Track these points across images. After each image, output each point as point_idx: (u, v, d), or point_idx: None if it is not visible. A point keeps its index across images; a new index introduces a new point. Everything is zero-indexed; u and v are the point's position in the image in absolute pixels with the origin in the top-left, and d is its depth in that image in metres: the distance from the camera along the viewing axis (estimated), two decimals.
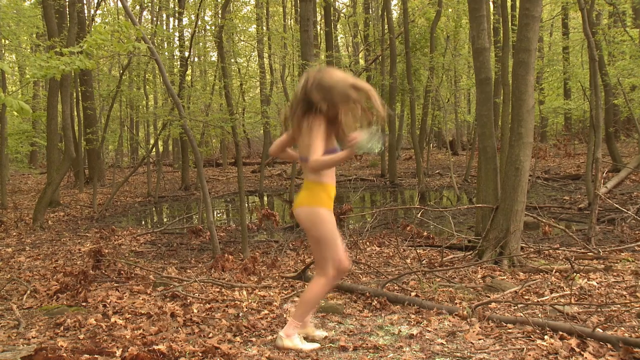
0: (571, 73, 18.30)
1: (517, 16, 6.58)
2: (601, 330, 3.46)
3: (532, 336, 3.53)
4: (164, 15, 23.89)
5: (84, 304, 4.78)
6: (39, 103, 23.30)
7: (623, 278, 5.03)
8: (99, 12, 22.12)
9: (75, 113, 19.20)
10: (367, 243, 7.52)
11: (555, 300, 4.32)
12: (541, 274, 5.34)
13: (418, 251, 6.65)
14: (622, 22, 14.79)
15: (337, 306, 4.33)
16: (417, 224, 8.55)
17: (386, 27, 17.98)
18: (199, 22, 15.89)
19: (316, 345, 3.48)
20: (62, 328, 4.07)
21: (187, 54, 15.63)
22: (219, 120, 11.73)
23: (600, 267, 5.44)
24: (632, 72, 15.08)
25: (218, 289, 5.20)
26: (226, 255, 6.48)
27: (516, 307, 4.20)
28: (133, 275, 5.90)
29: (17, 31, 16.31)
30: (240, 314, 4.29)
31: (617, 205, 8.20)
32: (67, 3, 14.43)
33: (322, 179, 3.35)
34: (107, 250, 6.99)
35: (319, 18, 25.76)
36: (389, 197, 14.49)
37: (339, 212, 7.54)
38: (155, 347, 3.36)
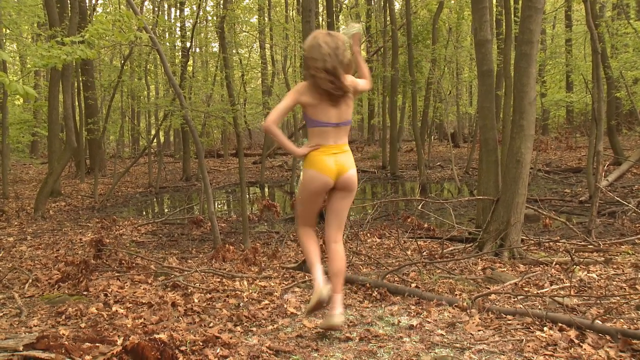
0: (573, 65, 18.24)
1: (520, 8, 6.55)
2: (600, 322, 3.47)
3: (531, 327, 3.54)
4: (166, 5, 23.81)
5: (85, 293, 4.80)
6: (40, 93, 23.25)
7: (623, 270, 5.04)
8: (100, 1, 22.10)
9: (77, 103, 19.19)
10: (368, 234, 7.53)
11: (555, 292, 4.34)
12: (541, 266, 5.35)
13: (419, 243, 6.66)
14: (625, 15, 14.73)
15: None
16: (418, 216, 8.56)
17: (388, 18, 17.93)
18: (201, 13, 15.83)
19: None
20: (63, 317, 4.09)
21: (188, 44, 15.59)
22: (220, 111, 11.72)
23: (600, 259, 5.45)
24: (634, 64, 15.02)
25: (219, 279, 5.22)
26: (227, 245, 6.49)
27: (516, 299, 4.21)
28: (134, 265, 5.92)
29: (18, 20, 16.24)
30: (241, 304, 4.31)
31: (618, 199, 8.20)
32: None
33: None
34: (108, 240, 7.01)
35: (321, 9, 25.68)
36: (390, 188, 14.50)
37: None
38: (156, 336, 3.37)
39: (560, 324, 3.51)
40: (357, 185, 3.56)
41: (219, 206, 12.99)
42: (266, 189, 15.71)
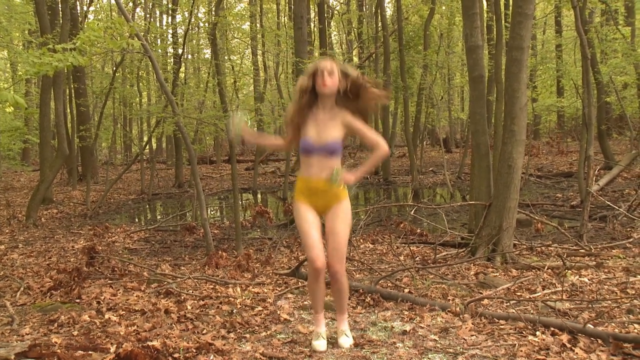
0: (564, 71, 18.36)
1: (510, 14, 6.61)
2: (592, 326, 3.49)
3: (524, 332, 3.56)
4: (157, 12, 23.80)
5: (77, 300, 4.78)
6: (32, 100, 23.14)
7: (614, 274, 5.08)
8: (91, 8, 22.06)
9: (68, 110, 19.12)
10: (361, 240, 7.54)
11: (547, 297, 4.36)
12: (533, 270, 5.38)
13: (411, 248, 6.68)
14: (614, 20, 14.86)
15: (331, 303, 4.35)
16: (411, 221, 8.57)
17: (380, 24, 18.00)
18: (193, 19, 15.83)
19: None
20: (55, 325, 4.08)
21: (180, 51, 15.57)
22: (212, 118, 11.71)
23: (591, 263, 5.48)
24: (624, 69, 15.17)
25: (212, 286, 5.21)
26: (220, 252, 6.48)
27: (508, 304, 4.23)
28: (127, 272, 5.90)
29: (9, 27, 16.17)
30: (234, 311, 4.31)
31: (608, 203, 8.25)
32: None
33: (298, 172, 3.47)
34: (100, 248, 6.98)
35: (312, 15, 25.77)
36: (382, 194, 14.52)
37: None
38: (150, 343, 3.37)
39: (552, 328, 3.53)
40: None
41: (212, 213, 12.96)
42: (259, 195, 15.69)
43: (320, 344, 3.41)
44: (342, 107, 3.37)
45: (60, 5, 14.16)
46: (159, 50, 16.42)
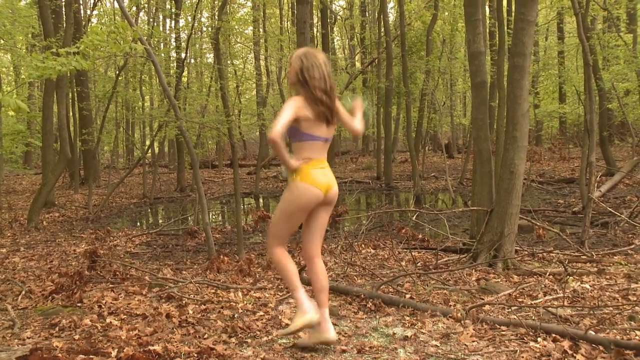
0: (566, 77, 18.37)
1: (513, 20, 6.62)
2: (594, 333, 3.49)
3: (525, 338, 3.55)
4: (161, 17, 23.89)
5: (79, 304, 4.78)
6: (34, 103, 23.27)
7: (616, 281, 5.07)
8: (95, 12, 22.15)
9: (71, 114, 19.17)
10: (363, 245, 7.54)
11: (549, 303, 4.35)
12: (535, 276, 5.37)
13: (413, 253, 6.67)
14: (616, 27, 14.89)
15: (332, 308, 4.35)
16: (413, 227, 8.57)
17: (382, 30, 18.02)
18: (196, 24, 15.89)
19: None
20: (57, 328, 4.08)
21: (183, 55, 15.63)
22: (215, 122, 11.76)
23: (593, 270, 5.48)
24: (626, 76, 15.19)
25: (213, 290, 5.21)
26: (222, 256, 6.49)
27: (510, 310, 4.22)
28: (128, 276, 5.90)
29: (13, 31, 16.22)
30: (236, 315, 4.31)
31: (610, 209, 8.25)
32: (63, 3, 14.42)
33: None
34: (102, 251, 6.99)
35: (315, 20, 25.82)
36: (384, 199, 14.52)
37: (334, 214, 7.56)
38: (151, 348, 3.37)
39: (553, 335, 3.53)
40: None
41: (214, 217, 12.96)
42: (261, 200, 15.70)
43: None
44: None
45: (64, 9, 14.23)
46: (162, 55, 16.46)
